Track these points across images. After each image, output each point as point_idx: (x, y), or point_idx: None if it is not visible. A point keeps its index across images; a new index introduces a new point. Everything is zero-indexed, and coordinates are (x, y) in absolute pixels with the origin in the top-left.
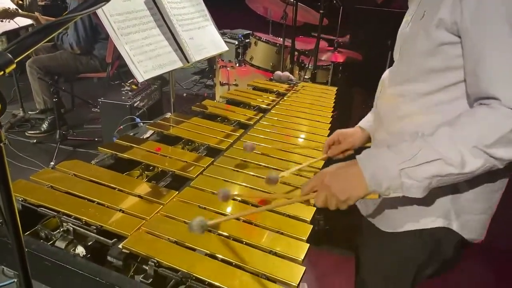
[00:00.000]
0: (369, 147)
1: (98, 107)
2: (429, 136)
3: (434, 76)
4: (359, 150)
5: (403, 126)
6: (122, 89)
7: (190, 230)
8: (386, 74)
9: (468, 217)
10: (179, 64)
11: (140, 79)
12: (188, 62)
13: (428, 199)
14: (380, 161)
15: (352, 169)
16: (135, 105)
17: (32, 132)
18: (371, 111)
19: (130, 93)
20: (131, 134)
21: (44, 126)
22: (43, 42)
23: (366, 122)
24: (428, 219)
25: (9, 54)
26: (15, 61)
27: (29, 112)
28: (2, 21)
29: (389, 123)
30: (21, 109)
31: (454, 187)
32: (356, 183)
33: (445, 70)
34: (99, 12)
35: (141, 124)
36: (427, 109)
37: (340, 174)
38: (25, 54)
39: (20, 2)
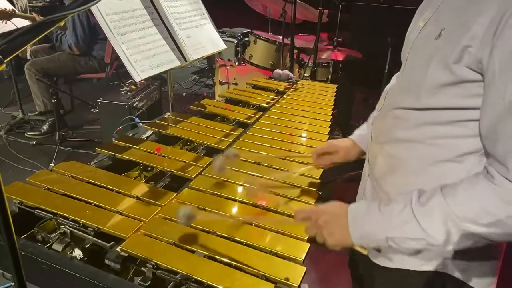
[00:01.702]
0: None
1: (97, 108)
2: (421, 207)
3: (443, 110)
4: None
5: (400, 151)
6: (121, 89)
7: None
8: (390, 85)
9: (468, 261)
10: (176, 63)
11: (137, 79)
12: (186, 61)
13: None
14: (368, 226)
15: (344, 220)
16: (134, 105)
17: (32, 133)
18: (366, 123)
19: (129, 93)
20: (131, 134)
21: (44, 127)
22: (35, 40)
23: (359, 135)
24: (416, 262)
25: None
26: (5, 60)
27: (29, 114)
28: None
29: (384, 144)
30: (20, 110)
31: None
32: (346, 236)
33: (457, 106)
34: (95, 11)
35: (140, 124)
36: (428, 140)
37: (333, 220)
38: (16, 53)
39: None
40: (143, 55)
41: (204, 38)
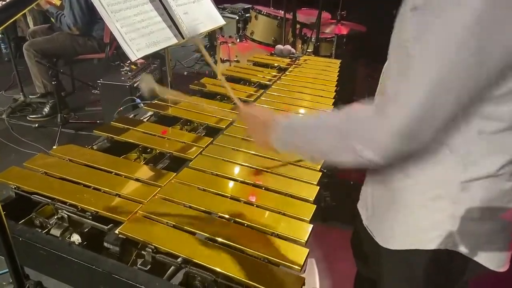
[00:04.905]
0: None
1: (98, 89)
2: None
3: None
4: None
5: None
6: (122, 69)
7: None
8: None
9: (478, 239)
10: (174, 40)
11: (133, 58)
12: (183, 38)
13: (423, 215)
14: (286, 134)
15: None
16: (135, 85)
17: (34, 116)
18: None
19: (129, 73)
20: (132, 115)
21: (46, 110)
22: (16, 17)
23: None
24: (425, 239)
25: None
26: None
27: (30, 96)
28: None
29: None
30: (21, 93)
31: (453, 204)
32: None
33: None
34: None
35: (141, 104)
36: None
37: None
38: None
39: None
40: (138, 33)
41: (202, 14)
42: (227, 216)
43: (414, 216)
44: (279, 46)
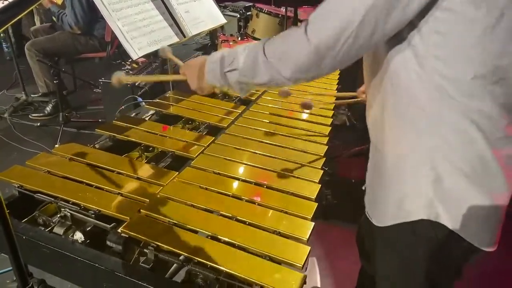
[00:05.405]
0: None
1: (100, 87)
2: (247, 47)
3: None
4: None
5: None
6: (123, 68)
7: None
8: None
9: (462, 211)
10: (175, 39)
11: (135, 57)
12: (185, 36)
13: (407, 183)
14: (215, 63)
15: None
16: (136, 84)
17: (36, 115)
18: None
19: (131, 72)
20: (133, 114)
21: (48, 109)
22: (18, 17)
23: None
24: (410, 209)
25: None
26: None
27: (32, 95)
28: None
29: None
30: (23, 92)
31: (434, 169)
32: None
33: None
34: None
35: (143, 103)
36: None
37: (192, 67)
38: None
39: None
40: (140, 32)
41: (203, 13)
42: (229, 214)
43: (398, 187)
44: None
